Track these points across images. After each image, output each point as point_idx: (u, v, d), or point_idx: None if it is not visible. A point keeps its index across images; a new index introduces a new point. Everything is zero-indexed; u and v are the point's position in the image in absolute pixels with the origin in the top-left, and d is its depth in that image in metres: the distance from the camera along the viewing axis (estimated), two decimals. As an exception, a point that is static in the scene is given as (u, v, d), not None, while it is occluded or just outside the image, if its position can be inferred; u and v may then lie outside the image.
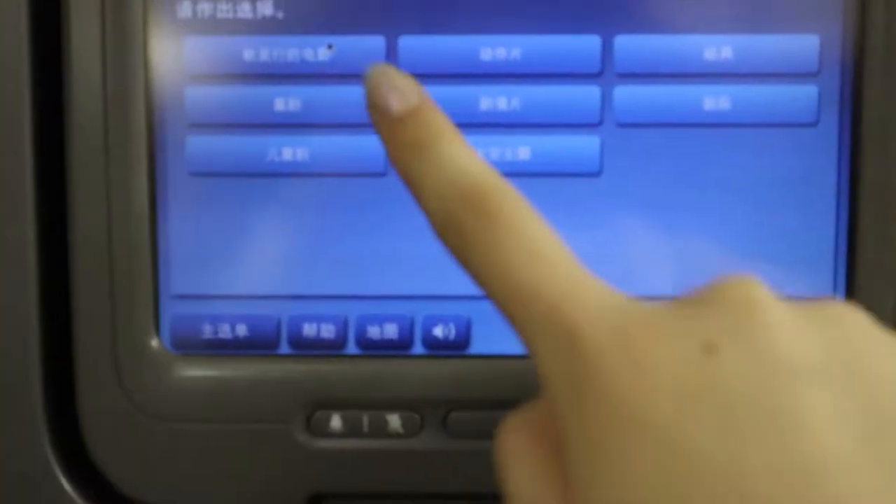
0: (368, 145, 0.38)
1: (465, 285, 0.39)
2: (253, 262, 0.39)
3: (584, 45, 0.38)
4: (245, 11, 0.38)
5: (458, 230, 0.27)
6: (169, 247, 0.39)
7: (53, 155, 0.39)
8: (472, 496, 0.40)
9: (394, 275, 0.40)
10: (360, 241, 0.39)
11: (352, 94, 0.38)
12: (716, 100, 0.38)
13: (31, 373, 0.39)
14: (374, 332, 0.40)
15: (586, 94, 0.38)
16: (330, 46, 0.38)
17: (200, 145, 0.39)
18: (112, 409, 0.39)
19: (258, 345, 0.40)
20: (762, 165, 0.39)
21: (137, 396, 0.39)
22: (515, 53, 0.38)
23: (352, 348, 0.40)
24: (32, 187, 0.39)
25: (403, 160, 0.28)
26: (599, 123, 0.39)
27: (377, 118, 0.29)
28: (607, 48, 0.38)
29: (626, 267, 0.39)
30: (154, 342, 0.39)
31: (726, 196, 0.39)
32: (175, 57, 0.38)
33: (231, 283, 0.40)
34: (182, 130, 0.39)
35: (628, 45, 0.38)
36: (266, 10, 0.38)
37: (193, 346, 0.40)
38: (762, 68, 0.38)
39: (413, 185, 0.28)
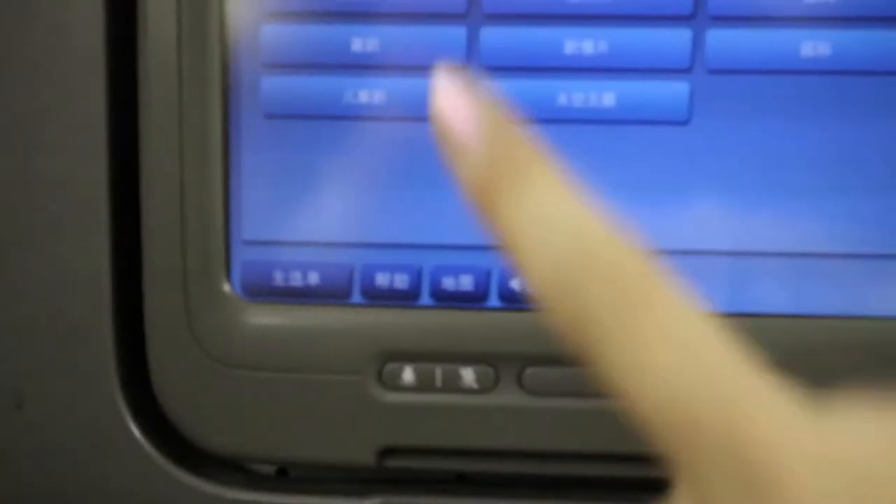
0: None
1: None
2: (326, 209, 0.39)
3: (675, -14, 0.37)
4: (323, -52, 0.37)
5: (580, 313, 0.20)
6: (242, 191, 0.39)
7: (127, 97, 0.38)
8: (547, 454, 0.39)
9: (471, 225, 0.39)
10: (436, 190, 0.38)
11: (431, 34, 0.37)
12: (814, 46, 0.37)
13: (102, 317, 0.39)
14: (448, 282, 0.39)
15: (676, 38, 0.37)
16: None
17: (275, 86, 0.38)
18: (182, 354, 0.39)
19: (330, 293, 0.39)
20: (864, 117, 0.37)
21: (207, 343, 0.39)
22: (602, -7, 0.37)
23: (425, 299, 0.39)
24: (106, 130, 0.38)
25: (486, 204, 0.22)
26: (689, 69, 0.37)
27: (445, 148, 0.22)
28: (700, -12, 0.36)
29: (711, 220, 0.38)
30: (225, 288, 0.39)
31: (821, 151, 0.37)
32: (250, -5, 0.38)
33: (304, 229, 0.39)
34: (257, 71, 0.38)
35: (723, -15, 0.36)
36: (344, -53, 0.37)
37: (264, 293, 0.39)
38: (865, 12, 0.36)
39: (506, 240, 0.22)
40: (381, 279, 0.39)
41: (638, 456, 0.38)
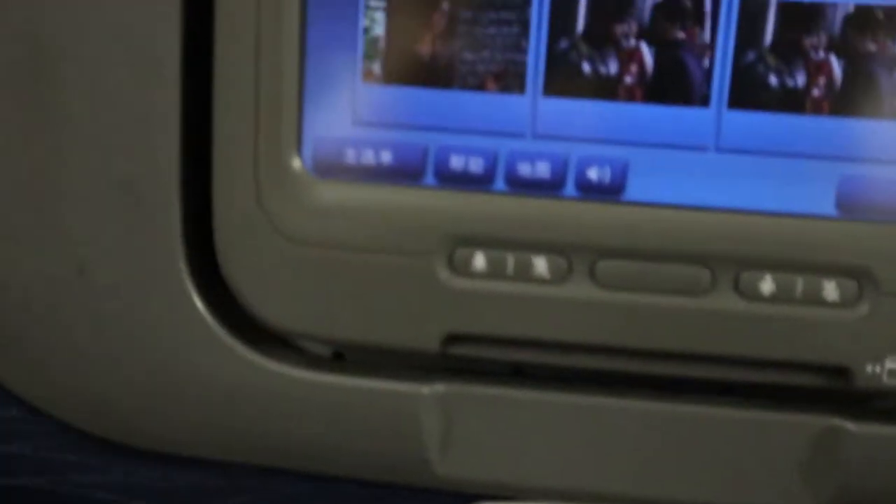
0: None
1: (624, 129, 0.38)
2: (404, 89, 0.38)
3: None
4: None
5: None
6: (318, 65, 0.38)
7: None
8: (616, 350, 0.39)
9: (549, 113, 0.38)
10: (516, 79, 0.38)
11: None
12: None
13: (169, 187, 0.39)
14: (524, 169, 0.39)
15: None
16: None
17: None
18: (249, 229, 0.39)
19: (402, 173, 0.39)
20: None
21: (275, 218, 0.39)
22: None
23: (500, 184, 0.39)
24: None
25: None
26: None
27: None
28: None
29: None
30: (296, 163, 0.39)
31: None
32: None
33: (379, 108, 0.38)
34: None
35: None
36: None
37: (335, 171, 0.39)
38: None
39: None
40: (456, 161, 0.39)
41: (704, 356, 0.39)
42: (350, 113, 0.39)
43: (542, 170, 0.39)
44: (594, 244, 0.38)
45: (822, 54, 0.37)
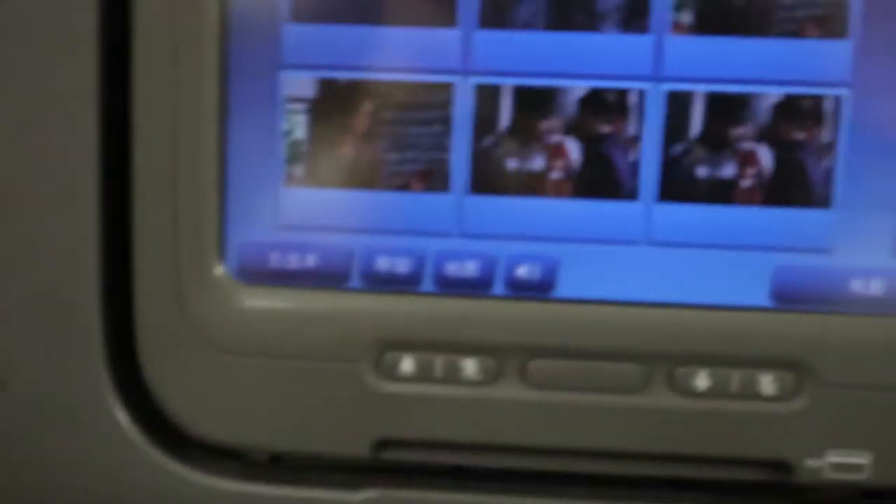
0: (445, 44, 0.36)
1: (553, 225, 0.37)
2: (328, 192, 0.38)
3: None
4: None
5: None
6: (238, 171, 0.38)
7: (119, 76, 0.37)
8: (550, 450, 0.39)
9: (476, 211, 0.38)
10: (442, 178, 0.37)
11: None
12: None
13: (89, 298, 0.38)
14: (452, 268, 0.38)
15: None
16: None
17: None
18: (173, 338, 0.38)
19: (328, 277, 0.38)
20: None
21: (199, 325, 0.38)
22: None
23: (427, 285, 0.38)
24: (96, 107, 0.37)
25: None
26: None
27: None
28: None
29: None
30: (218, 269, 0.38)
31: None
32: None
33: (303, 211, 0.38)
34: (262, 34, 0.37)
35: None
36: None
37: (260, 276, 0.38)
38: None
39: None
40: (382, 263, 0.38)
41: (641, 454, 0.38)
42: (274, 217, 0.38)
43: (471, 269, 0.38)
44: (525, 344, 0.38)
45: (751, 144, 0.37)
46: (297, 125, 0.37)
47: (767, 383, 0.37)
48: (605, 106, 0.37)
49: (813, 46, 0.36)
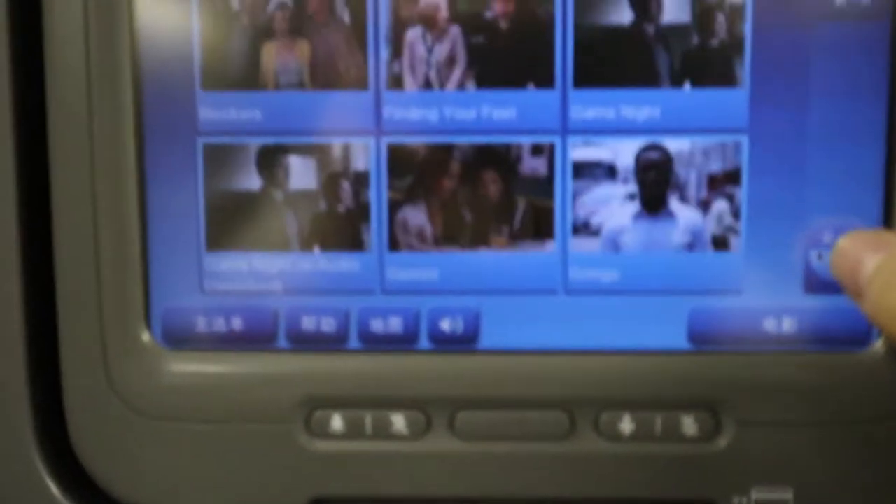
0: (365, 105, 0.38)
1: (472, 278, 0.39)
2: (250, 256, 0.39)
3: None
4: None
5: None
6: (161, 237, 0.39)
7: (36, 139, 0.39)
8: (481, 500, 0.40)
9: (397, 266, 0.40)
10: (362, 236, 0.39)
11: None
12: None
13: (15, 367, 0.39)
14: (377, 325, 0.40)
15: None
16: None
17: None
18: (100, 406, 0.39)
19: (254, 339, 0.40)
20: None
21: (127, 393, 0.39)
22: None
23: (353, 343, 0.40)
24: (13, 172, 0.38)
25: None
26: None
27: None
28: None
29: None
30: (145, 336, 0.39)
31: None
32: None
33: (226, 274, 0.40)
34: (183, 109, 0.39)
35: None
36: None
37: (186, 341, 0.40)
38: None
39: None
40: (308, 323, 0.40)
41: (570, 500, 0.40)
42: (197, 281, 0.39)
43: (395, 325, 0.40)
44: (451, 396, 0.39)
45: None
46: (216, 189, 0.39)
47: (689, 424, 0.39)
48: (500, 157, 0.39)
49: (712, 95, 0.38)
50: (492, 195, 0.39)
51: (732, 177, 0.38)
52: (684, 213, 0.39)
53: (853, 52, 0.37)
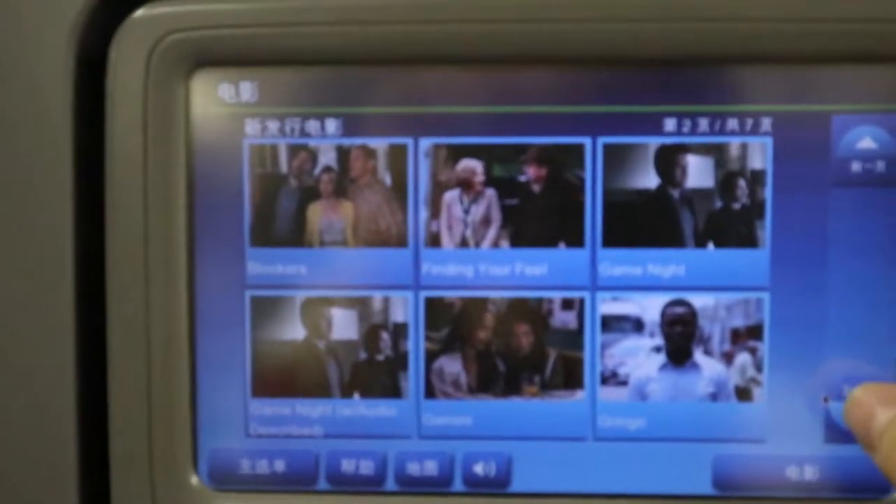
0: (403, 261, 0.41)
1: (505, 424, 0.41)
2: (291, 403, 0.42)
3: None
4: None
5: None
6: (208, 382, 0.42)
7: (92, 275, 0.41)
8: None
9: (433, 412, 0.42)
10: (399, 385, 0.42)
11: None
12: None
13: (68, 504, 0.42)
14: (413, 468, 0.42)
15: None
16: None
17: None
18: (151, 545, 0.41)
19: (296, 480, 0.42)
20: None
21: (176, 533, 0.41)
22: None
23: (391, 485, 0.42)
24: (73, 310, 0.41)
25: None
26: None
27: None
28: None
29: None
30: (192, 477, 0.42)
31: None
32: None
33: (270, 419, 0.42)
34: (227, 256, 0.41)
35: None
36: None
37: (231, 482, 0.42)
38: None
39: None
40: (347, 465, 0.42)
41: None
42: (243, 425, 0.42)
43: (430, 468, 0.42)
44: (486, 539, 0.41)
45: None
46: (262, 339, 0.42)
47: (715, 569, 0.41)
48: (532, 311, 0.41)
49: (734, 255, 0.40)
50: (524, 346, 0.41)
51: (754, 331, 0.40)
52: (709, 365, 0.41)
53: (870, 215, 0.40)
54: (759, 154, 0.40)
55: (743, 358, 0.41)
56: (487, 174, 0.40)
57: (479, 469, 0.41)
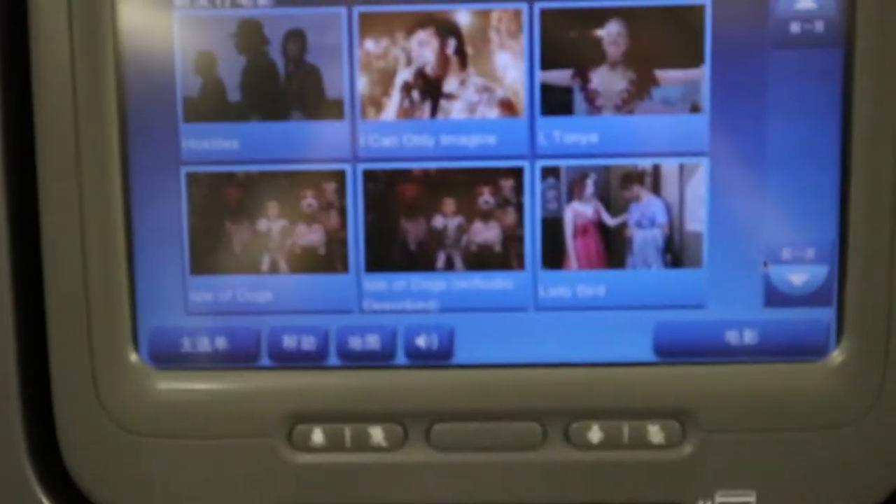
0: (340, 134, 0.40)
1: (446, 296, 0.42)
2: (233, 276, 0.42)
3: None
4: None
5: None
6: (147, 258, 0.41)
7: (24, 159, 0.41)
8: (456, 509, 0.42)
9: (374, 286, 0.42)
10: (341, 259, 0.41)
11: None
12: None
13: (7, 386, 0.41)
14: (355, 342, 0.42)
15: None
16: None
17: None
18: (90, 423, 0.41)
19: (238, 358, 0.42)
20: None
21: (115, 411, 0.41)
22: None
23: (333, 360, 0.42)
24: (3, 192, 0.41)
25: None
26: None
27: None
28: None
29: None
30: (132, 356, 0.42)
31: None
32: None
33: (210, 296, 0.42)
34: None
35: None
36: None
37: (172, 360, 0.42)
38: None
39: None
40: (289, 341, 0.42)
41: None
42: (183, 303, 0.42)
43: (373, 342, 0.42)
44: (427, 409, 0.42)
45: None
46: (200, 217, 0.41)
47: (656, 433, 0.42)
48: (483, 180, 0.41)
49: (676, 121, 0.40)
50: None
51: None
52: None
53: (808, 77, 0.40)
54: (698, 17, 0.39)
55: (683, 224, 0.41)
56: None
57: (421, 342, 0.42)
